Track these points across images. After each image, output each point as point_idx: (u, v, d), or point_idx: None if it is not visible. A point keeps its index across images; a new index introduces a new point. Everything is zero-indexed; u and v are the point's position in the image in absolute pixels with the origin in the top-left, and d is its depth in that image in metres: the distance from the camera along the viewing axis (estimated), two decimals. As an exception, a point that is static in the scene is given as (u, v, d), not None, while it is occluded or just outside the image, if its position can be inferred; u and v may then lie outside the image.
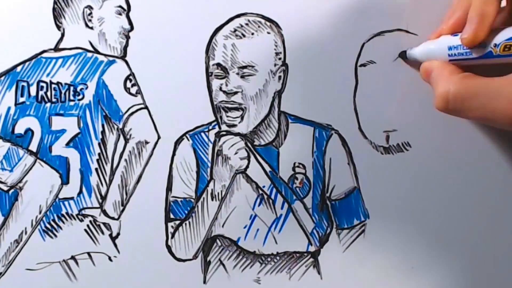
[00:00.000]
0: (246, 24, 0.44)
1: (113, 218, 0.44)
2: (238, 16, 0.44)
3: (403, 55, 0.44)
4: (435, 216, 0.44)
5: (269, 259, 0.44)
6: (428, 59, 0.41)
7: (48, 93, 0.44)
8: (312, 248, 0.44)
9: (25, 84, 0.44)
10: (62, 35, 0.44)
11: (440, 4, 0.43)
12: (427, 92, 0.42)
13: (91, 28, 0.45)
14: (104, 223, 0.44)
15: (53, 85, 0.44)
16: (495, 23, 0.37)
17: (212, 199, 0.44)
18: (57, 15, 0.44)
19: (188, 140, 0.44)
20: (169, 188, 0.44)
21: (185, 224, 0.44)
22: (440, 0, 0.43)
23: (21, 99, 0.44)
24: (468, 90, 0.37)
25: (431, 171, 0.44)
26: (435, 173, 0.44)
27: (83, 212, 0.44)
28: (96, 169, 0.44)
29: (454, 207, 0.44)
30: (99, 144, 0.44)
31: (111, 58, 0.45)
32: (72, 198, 0.44)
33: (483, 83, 0.37)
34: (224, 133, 0.44)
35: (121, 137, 0.45)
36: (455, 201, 0.44)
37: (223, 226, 0.44)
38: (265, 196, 0.44)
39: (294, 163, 0.45)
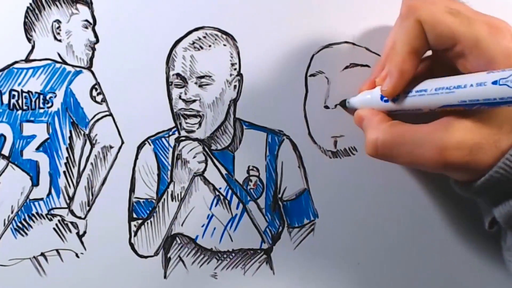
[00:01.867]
0: (204, 37, 0.44)
1: (80, 218, 0.45)
2: (196, 29, 0.44)
3: (343, 103, 0.44)
4: (379, 215, 0.45)
5: (225, 255, 0.45)
6: (365, 107, 0.42)
7: (20, 101, 0.44)
8: (265, 246, 0.45)
9: None
10: (33, 47, 0.45)
11: (384, 20, 0.44)
12: None
13: (60, 40, 0.45)
14: (71, 222, 0.45)
15: (24, 94, 0.44)
16: (416, 73, 0.38)
17: (172, 200, 0.45)
18: (28, 28, 0.44)
19: (150, 145, 0.45)
20: (132, 190, 0.45)
21: (147, 223, 0.45)
22: (383, 17, 0.44)
23: None
24: (395, 139, 0.38)
25: (376, 173, 0.45)
26: (379, 175, 0.45)
27: (52, 212, 0.45)
28: (64, 172, 0.45)
29: (395, 206, 0.45)
30: (67, 148, 0.45)
31: (78, 69, 0.45)
32: (41, 199, 0.45)
33: (409, 131, 0.37)
34: (183, 138, 0.45)
35: (87, 142, 0.45)
36: (396, 200, 0.45)
37: (182, 225, 0.45)
38: (222, 197, 0.45)
39: (249, 166, 0.45)
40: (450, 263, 0.45)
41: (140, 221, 0.45)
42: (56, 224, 0.45)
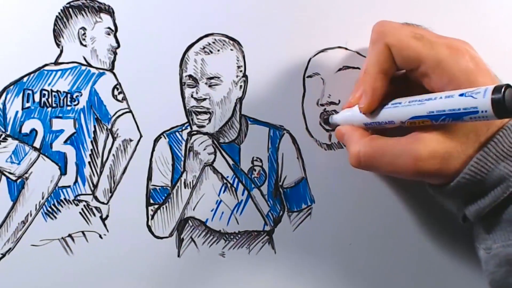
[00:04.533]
0: (213, 42, 0.48)
1: (103, 203, 0.47)
2: (206, 35, 0.48)
3: (326, 121, 0.47)
4: (369, 200, 0.48)
5: (232, 236, 0.48)
6: (347, 123, 0.44)
7: (49, 99, 0.47)
8: (267, 228, 0.48)
9: (30, 92, 0.47)
10: (61, 51, 0.47)
11: (371, 25, 0.46)
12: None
13: (85, 46, 0.48)
14: (95, 207, 0.47)
15: (53, 93, 0.47)
16: (395, 93, 0.41)
17: (185, 187, 0.48)
18: (57, 35, 0.47)
19: (165, 138, 0.48)
20: (149, 178, 0.47)
21: (163, 207, 0.48)
22: (372, 22, 0.45)
23: (27, 104, 0.47)
24: (375, 151, 0.40)
25: None
26: None
27: (78, 198, 0.47)
28: (89, 162, 0.47)
29: (384, 192, 0.48)
30: (91, 141, 0.48)
31: (101, 71, 0.48)
32: (69, 186, 0.47)
33: (387, 144, 0.40)
34: (194, 132, 0.48)
35: (110, 136, 0.48)
36: (384, 186, 0.48)
37: (194, 209, 0.48)
38: (229, 185, 0.48)
39: (253, 157, 0.48)
40: (434, 246, 0.49)
41: (156, 206, 0.48)
42: (82, 209, 0.47)
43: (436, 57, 0.38)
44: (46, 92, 0.48)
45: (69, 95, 0.48)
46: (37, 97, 0.48)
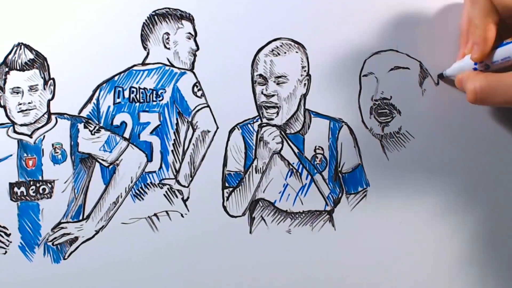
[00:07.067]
0: (280, 45, 0.52)
1: (184, 186, 0.51)
2: (274, 40, 0.52)
3: (441, 75, 0.51)
4: (417, 182, 0.51)
5: (297, 215, 0.51)
6: (459, 73, 0.48)
7: (137, 96, 0.51)
8: (328, 208, 0.51)
9: (120, 89, 0.51)
10: (148, 53, 0.51)
11: (420, 33, 0.52)
12: (408, 95, 0.52)
13: (168, 48, 0.51)
14: (177, 190, 0.50)
15: (141, 90, 0.51)
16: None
17: (256, 172, 0.51)
18: (144, 39, 0.51)
19: (239, 129, 0.51)
20: (224, 164, 0.51)
21: (236, 190, 0.51)
22: (420, 30, 0.52)
23: (118, 100, 0.51)
24: (490, 83, 0.43)
25: (415, 150, 0.52)
26: (418, 152, 0.52)
27: (162, 182, 0.50)
28: (172, 150, 0.51)
29: (431, 174, 0.52)
30: (174, 132, 0.51)
31: (182, 70, 0.51)
32: (154, 172, 0.51)
33: (502, 77, 0.43)
34: (264, 124, 0.51)
35: (190, 127, 0.51)
36: (430, 170, 0.52)
37: (264, 192, 0.51)
38: (294, 170, 0.51)
39: (315, 146, 0.52)
40: (481, 228, 0.52)
41: (231, 189, 0.51)
42: (166, 191, 0.51)
43: None
44: (134, 89, 0.51)
45: (154, 92, 0.51)
46: (126, 94, 0.51)
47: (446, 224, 0.53)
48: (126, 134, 0.51)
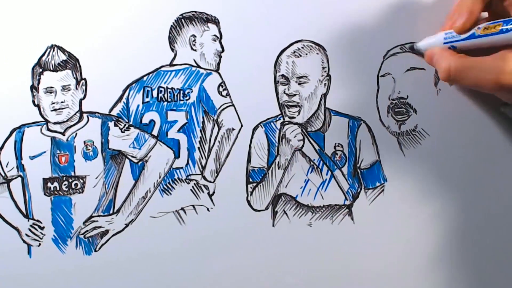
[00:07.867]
0: (302, 47, 0.53)
1: (210, 181, 0.52)
2: (296, 41, 0.53)
3: (411, 48, 0.52)
4: (432, 178, 0.53)
5: (317, 209, 0.53)
6: (430, 48, 0.49)
7: (165, 95, 0.52)
8: (347, 202, 0.53)
9: (149, 89, 0.52)
10: (175, 55, 0.52)
11: (433, 33, 0.52)
12: (423, 94, 0.54)
13: (195, 50, 0.53)
14: (204, 185, 0.52)
15: (168, 89, 0.52)
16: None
17: (279, 168, 0.53)
18: (171, 41, 0.52)
19: (262, 127, 0.53)
20: (248, 160, 0.53)
21: (260, 185, 0.53)
22: (434, 31, 0.52)
23: (147, 99, 0.52)
24: (464, 64, 0.44)
25: (429, 147, 0.54)
26: (433, 148, 0.54)
27: (189, 177, 0.52)
28: (198, 147, 0.52)
29: (446, 171, 0.53)
30: (200, 130, 0.52)
31: (208, 71, 0.52)
32: (181, 168, 0.52)
33: (476, 60, 0.44)
34: (286, 122, 0.53)
35: (216, 125, 0.52)
36: (445, 167, 0.54)
37: (286, 187, 0.53)
38: (315, 166, 0.53)
39: (335, 143, 0.53)
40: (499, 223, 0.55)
41: (254, 184, 0.53)
42: (192, 186, 0.52)
43: None
44: (162, 89, 0.53)
45: (181, 91, 0.53)
46: (155, 93, 0.53)
47: (459, 218, 0.55)
48: (155, 132, 0.53)
